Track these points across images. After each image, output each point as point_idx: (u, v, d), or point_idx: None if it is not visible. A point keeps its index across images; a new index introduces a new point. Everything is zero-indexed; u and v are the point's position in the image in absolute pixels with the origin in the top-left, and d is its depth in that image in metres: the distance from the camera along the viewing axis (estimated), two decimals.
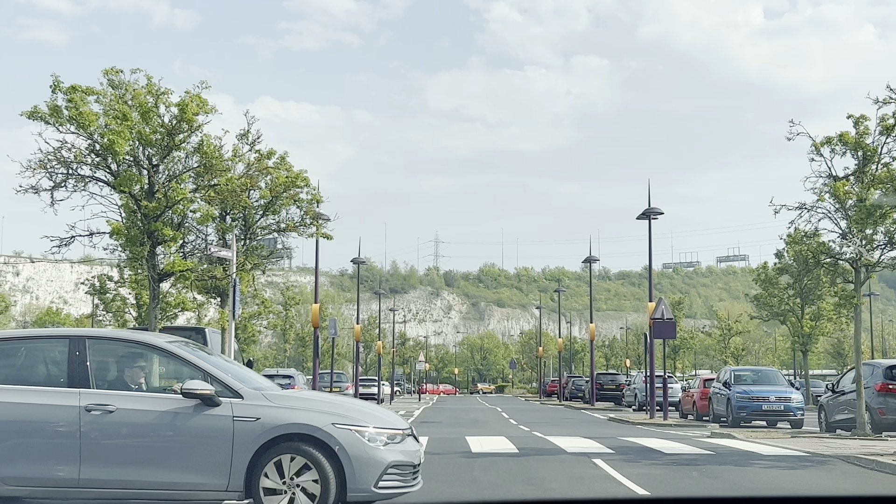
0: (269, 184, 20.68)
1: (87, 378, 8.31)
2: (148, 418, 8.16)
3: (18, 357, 8.82)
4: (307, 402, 8.63)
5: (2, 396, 8.23)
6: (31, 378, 8.60)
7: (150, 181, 16.42)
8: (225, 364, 9.13)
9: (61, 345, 8.61)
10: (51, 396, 8.24)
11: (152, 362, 8.82)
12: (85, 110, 15.59)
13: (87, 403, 8.15)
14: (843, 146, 21.21)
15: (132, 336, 9.04)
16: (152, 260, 16.54)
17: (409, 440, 8.67)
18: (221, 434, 8.07)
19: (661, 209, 33.37)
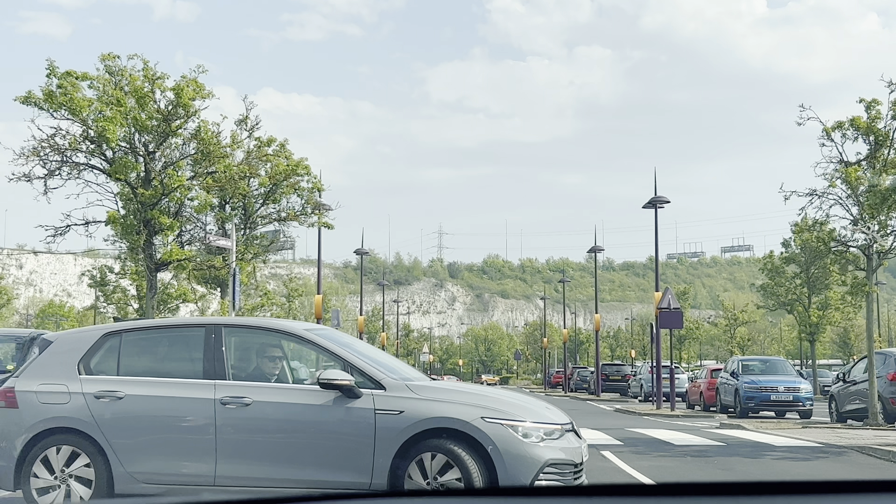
0: (268, 171, 20.30)
1: (222, 369, 7.91)
2: (284, 411, 7.67)
3: (153, 348, 8.55)
4: (455, 393, 7.89)
5: (136, 389, 7.92)
6: (166, 369, 8.28)
7: (147, 168, 16.03)
8: (368, 352, 8.59)
9: (196, 334, 8.21)
10: (185, 389, 7.86)
11: (289, 351, 8.37)
12: (76, 96, 15.18)
13: (223, 396, 7.73)
14: (854, 131, 20.80)
15: (269, 323, 8.58)
16: (149, 249, 16.16)
17: (570, 436, 7.88)
18: (362, 429, 7.51)
19: (667, 198, 33.00)
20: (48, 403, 7.98)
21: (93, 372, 8.13)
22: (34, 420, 7.95)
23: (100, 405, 7.87)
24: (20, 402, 8.06)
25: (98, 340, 8.27)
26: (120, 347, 8.27)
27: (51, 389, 8.03)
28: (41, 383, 8.09)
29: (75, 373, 8.10)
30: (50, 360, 8.28)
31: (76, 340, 8.40)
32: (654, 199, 32.72)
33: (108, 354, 8.29)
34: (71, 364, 8.15)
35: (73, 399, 7.95)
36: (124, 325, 8.78)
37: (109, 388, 7.94)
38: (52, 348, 8.39)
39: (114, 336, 8.33)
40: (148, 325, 8.76)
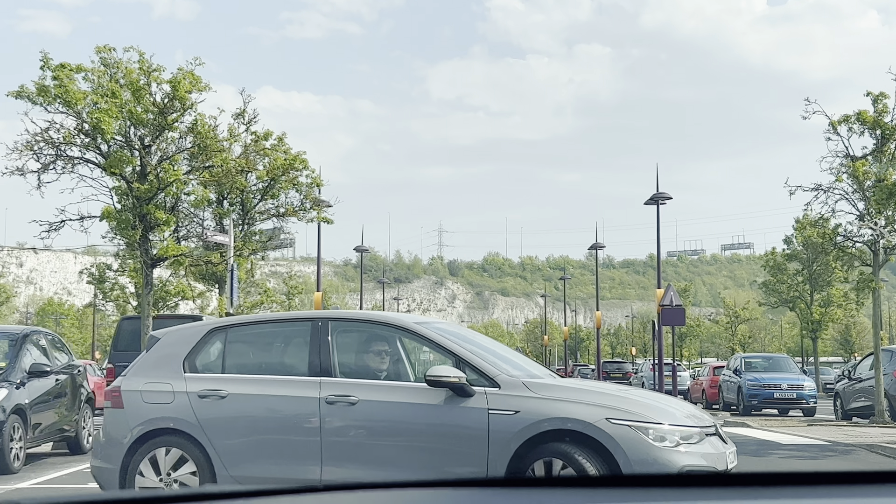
0: (266, 166, 20.02)
1: (329, 365, 7.47)
2: (391, 411, 7.18)
3: (259, 343, 8.21)
4: (577, 391, 7.25)
5: (239, 388, 7.56)
6: (271, 366, 7.94)
7: (142, 162, 15.75)
8: (488, 346, 8.07)
9: (303, 329, 7.81)
10: (290, 387, 7.45)
11: (398, 345, 7.81)
12: (71, 88, 14.90)
13: (328, 394, 7.29)
14: (861, 125, 20.52)
15: (378, 317, 8.10)
16: (145, 245, 15.87)
17: (712, 440, 7.08)
18: (474, 430, 6.93)
19: (668, 194, 32.75)
20: (152, 403, 7.69)
21: (198, 370, 7.81)
22: (138, 421, 7.65)
23: (203, 405, 7.55)
24: (125, 402, 7.79)
25: (204, 337, 7.94)
26: (225, 344, 7.94)
27: (155, 389, 7.73)
28: (146, 382, 7.80)
29: (180, 371, 7.77)
30: (156, 358, 7.99)
31: (182, 337, 8.08)
32: (655, 195, 32.45)
33: (213, 351, 7.97)
34: (176, 362, 7.84)
35: (177, 399, 7.63)
36: (231, 320, 8.43)
37: (213, 386, 7.60)
38: (159, 345, 8.09)
39: (220, 332, 7.98)
40: (254, 320, 8.46)
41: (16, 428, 12.16)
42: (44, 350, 14.01)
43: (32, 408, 12.78)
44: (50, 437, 13.92)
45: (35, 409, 12.88)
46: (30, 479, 11.57)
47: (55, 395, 13.77)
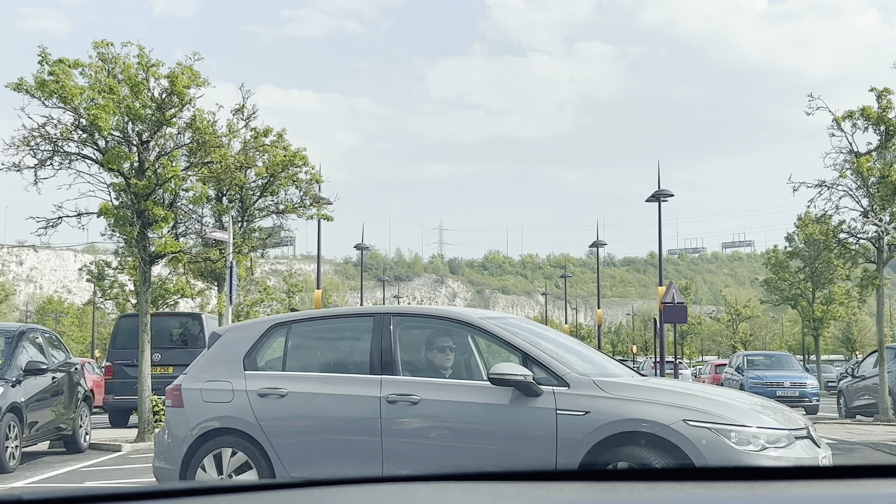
0: (266, 162, 19.84)
1: (391, 362, 7.12)
2: (453, 411, 6.84)
3: (320, 339, 7.92)
4: (652, 391, 6.76)
5: (299, 386, 7.26)
6: (331, 363, 7.68)
7: (140, 158, 15.57)
8: (556, 341, 7.66)
9: (364, 324, 7.47)
10: (350, 385, 7.14)
11: (463, 341, 7.45)
12: (67, 84, 14.72)
13: (389, 393, 6.94)
14: (865, 121, 20.36)
15: (443, 312, 7.69)
16: (143, 241, 15.70)
17: (803, 444, 6.49)
18: (541, 432, 6.55)
19: (670, 191, 32.61)
20: (212, 402, 7.44)
21: (258, 367, 7.54)
22: (198, 420, 7.41)
23: (262, 404, 7.27)
24: (186, 401, 7.57)
25: (264, 333, 7.67)
26: (286, 340, 7.66)
27: (215, 387, 7.48)
28: (207, 380, 7.57)
29: (240, 368, 7.50)
30: (216, 355, 7.76)
31: (242, 333, 7.83)
32: (657, 192, 32.34)
33: (273, 348, 7.71)
34: (236, 359, 7.58)
35: (237, 397, 7.36)
36: (292, 315, 8.20)
37: (272, 385, 7.32)
38: (220, 342, 7.86)
39: (280, 328, 7.71)
40: (316, 315, 8.14)
41: (11, 427, 12.02)
42: (40, 348, 13.87)
43: (28, 406, 12.64)
44: (47, 435, 13.79)
45: (31, 408, 12.75)
46: (25, 479, 11.44)
47: (52, 393, 13.64)
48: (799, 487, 1.68)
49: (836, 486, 1.71)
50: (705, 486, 1.70)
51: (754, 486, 1.67)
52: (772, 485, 1.69)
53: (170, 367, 20.24)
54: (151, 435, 15.83)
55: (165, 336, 20.43)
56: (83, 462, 13.41)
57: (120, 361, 20.17)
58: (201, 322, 20.89)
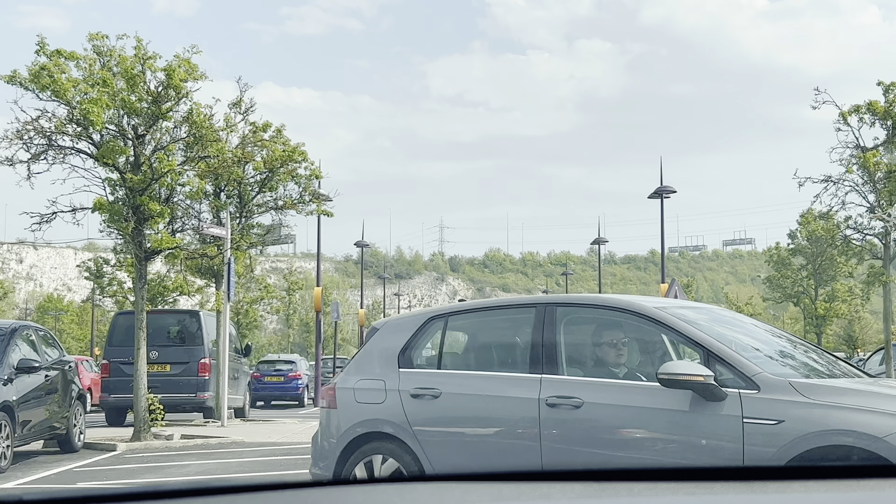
0: (264, 157, 19.56)
1: (553, 359, 6.29)
2: (621, 416, 5.98)
3: (478, 333, 7.21)
4: (865, 395, 5.52)
5: (453, 386, 6.57)
6: (489, 360, 6.99)
7: (136, 153, 15.29)
8: (752, 333, 6.63)
9: (525, 316, 6.70)
10: (507, 385, 6.37)
11: (636, 335, 6.52)
12: (59, 77, 14.43)
13: (549, 395, 6.12)
14: (871, 115, 20.08)
15: (613, 301, 6.72)
16: (138, 237, 15.41)
17: None
18: (724, 444, 5.59)
19: (673, 188, 32.33)
20: (364, 403, 6.84)
21: (413, 364, 6.89)
22: (349, 423, 6.83)
23: (415, 405, 6.61)
24: (339, 402, 6.99)
25: (421, 326, 6.97)
26: (443, 334, 6.94)
27: (368, 386, 6.88)
28: (360, 379, 6.97)
29: (395, 366, 6.86)
30: (372, 351, 7.14)
31: (399, 327, 7.17)
32: (660, 188, 32.06)
33: (430, 343, 7.04)
34: (391, 355, 6.93)
35: (389, 398, 6.73)
36: (450, 307, 7.41)
37: (426, 384, 6.65)
38: (376, 337, 7.20)
39: (438, 320, 6.99)
40: (474, 307, 7.39)
41: (3, 426, 11.76)
42: (33, 345, 13.61)
43: (21, 405, 12.37)
44: (40, 434, 13.52)
45: (23, 406, 12.48)
46: (16, 479, 11.16)
47: (45, 391, 13.37)
48: (798, 487, 1.69)
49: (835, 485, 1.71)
50: (705, 486, 1.70)
51: (754, 486, 1.67)
52: (771, 484, 1.69)
53: (167, 366, 19.99)
54: (147, 434, 15.58)
55: (163, 334, 20.17)
56: (77, 462, 13.14)
57: (116, 359, 19.91)
58: (199, 319, 20.63)
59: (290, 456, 13.49)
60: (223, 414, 19.11)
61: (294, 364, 32.13)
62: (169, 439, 15.71)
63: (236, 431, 17.69)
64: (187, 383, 19.94)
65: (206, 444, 15.55)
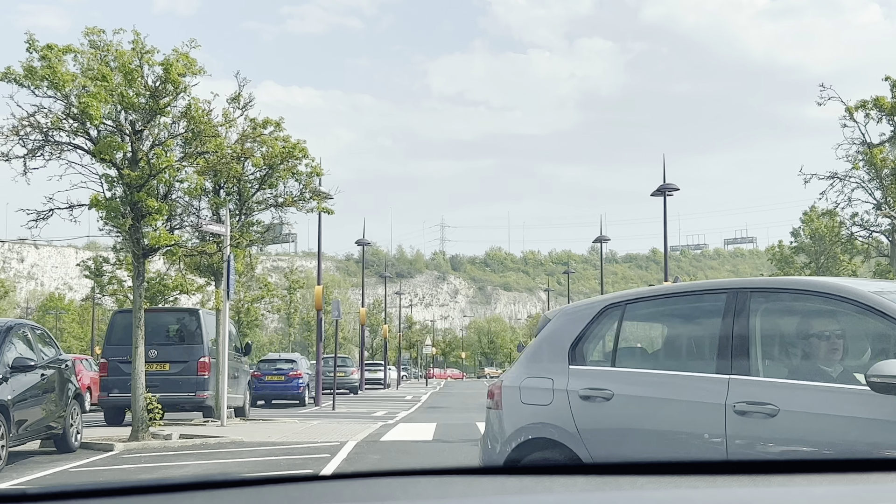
0: (264, 154, 19.34)
1: (745, 356, 5.19)
2: (824, 428, 4.85)
3: (658, 325, 6.37)
4: None
5: (627, 386, 5.61)
6: (667, 355, 6.06)
7: (133, 148, 15.08)
8: None
9: (714, 303, 5.62)
10: (689, 387, 5.34)
11: (851, 327, 5.34)
12: (59, 69, 14.22)
13: (738, 401, 5.06)
14: (878, 111, 19.84)
15: (822, 285, 5.38)
16: (135, 234, 15.20)
17: None
18: None
19: (676, 185, 32.10)
20: (530, 404, 6.03)
21: (585, 360, 5.99)
22: (513, 427, 6.08)
23: (585, 408, 5.72)
24: (504, 402, 6.24)
25: (596, 317, 6.04)
26: (619, 325, 5.99)
27: (534, 385, 6.05)
28: (527, 377, 6.16)
29: (565, 362, 5.98)
30: (542, 345, 6.32)
31: (571, 317, 6.24)
32: (663, 186, 31.82)
33: (604, 335, 6.09)
34: (561, 350, 6.06)
35: (556, 399, 5.86)
36: (629, 293, 6.32)
37: (597, 384, 5.73)
38: (548, 329, 6.33)
39: (614, 309, 6.02)
40: (655, 293, 6.23)
41: None
42: (29, 344, 13.40)
43: (16, 404, 12.16)
44: (36, 434, 13.31)
45: (19, 406, 12.27)
46: (11, 480, 10.95)
47: (41, 390, 13.17)
48: (801, 480, 1.68)
49: (838, 478, 1.70)
50: (708, 480, 1.69)
51: (756, 480, 1.66)
52: (774, 478, 1.67)
53: (166, 364, 19.78)
54: (145, 434, 15.37)
55: (162, 332, 19.96)
56: (73, 462, 12.94)
57: (115, 358, 19.70)
58: (198, 318, 20.41)
59: (291, 456, 13.29)
60: (223, 413, 18.90)
61: (295, 363, 31.91)
62: (167, 439, 15.50)
63: (236, 431, 17.49)
64: (187, 382, 19.73)
65: (205, 444, 15.35)
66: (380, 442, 15.53)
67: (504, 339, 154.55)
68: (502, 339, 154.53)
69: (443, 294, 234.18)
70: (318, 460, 12.77)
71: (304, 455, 13.43)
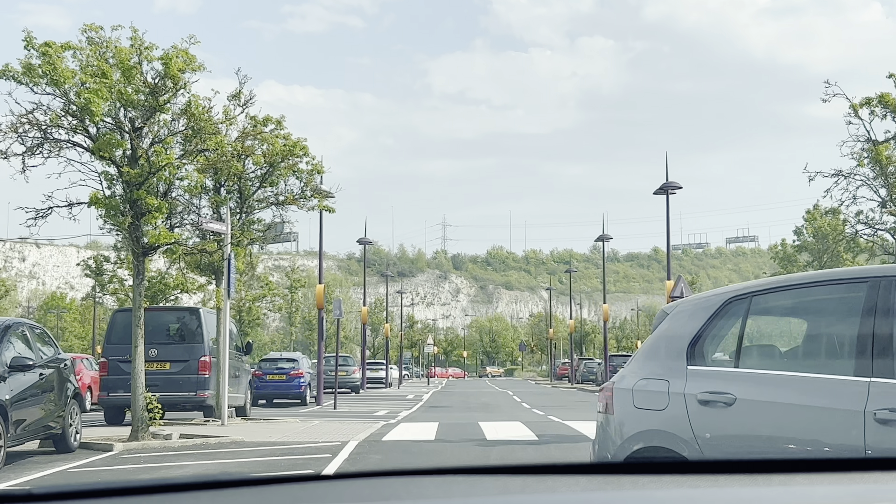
0: (265, 152, 19.21)
1: (890, 356, 4.52)
2: None
3: (784, 318, 5.76)
4: None
5: (752, 390, 4.92)
6: (798, 354, 5.44)
7: (133, 146, 14.95)
8: None
9: (853, 294, 4.92)
10: (821, 391, 4.69)
11: None
12: (59, 65, 14.09)
13: (879, 407, 4.39)
14: (883, 108, 19.72)
15: None
16: (135, 232, 15.07)
17: None
18: None
19: (679, 183, 31.96)
20: (643, 409, 5.44)
21: (705, 360, 5.32)
22: (625, 435, 5.49)
23: (704, 415, 5.06)
24: (616, 406, 5.65)
25: (718, 311, 5.35)
26: (744, 320, 5.27)
27: (649, 387, 5.44)
28: (642, 378, 5.55)
29: (682, 362, 5.33)
30: (657, 343, 5.69)
31: (691, 311, 5.58)
32: (665, 184, 31.70)
33: (727, 332, 5.41)
34: (679, 348, 5.41)
35: (673, 404, 5.22)
36: (755, 284, 5.53)
37: (718, 387, 5.04)
38: (664, 325, 5.70)
39: (739, 303, 5.31)
40: (785, 284, 5.47)
41: None
42: (28, 343, 13.27)
43: (14, 404, 12.04)
44: (34, 434, 13.19)
45: (17, 406, 12.14)
46: (9, 481, 10.82)
47: (40, 389, 13.04)
48: (802, 480, 1.68)
49: (839, 478, 1.71)
50: (709, 479, 1.70)
51: (757, 479, 1.66)
52: (775, 477, 1.68)
53: (166, 364, 19.66)
54: (145, 434, 15.24)
55: (162, 331, 19.84)
56: (72, 462, 12.81)
57: (115, 357, 19.58)
58: (199, 317, 20.28)
59: (292, 456, 13.16)
60: (223, 413, 18.78)
61: (296, 362, 31.78)
62: (167, 439, 15.38)
63: (237, 430, 17.36)
64: (187, 381, 19.61)
65: (205, 444, 15.22)
66: (381, 442, 15.41)
67: (506, 338, 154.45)
68: (504, 339, 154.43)
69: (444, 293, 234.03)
70: (319, 460, 12.65)
71: (305, 455, 13.31)
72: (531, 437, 16.20)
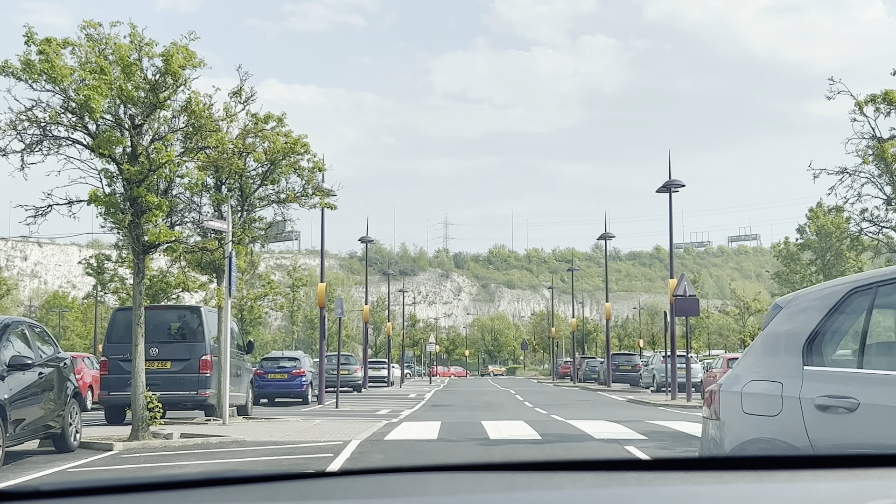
0: (266, 149, 19.09)
1: None
2: None
3: None
4: None
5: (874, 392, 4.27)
6: None
7: (133, 143, 14.84)
8: None
9: None
10: None
11: None
12: (58, 63, 13.99)
13: None
14: (888, 105, 19.59)
15: None
16: (135, 230, 14.96)
17: None
18: None
19: (682, 181, 31.84)
20: (753, 415, 4.88)
21: (824, 359, 4.70)
22: (733, 443, 4.95)
23: (822, 422, 4.45)
24: (722, 410, 5.13)
25: (838, 304, 4.72)
26: (868, 315, 4.58)
27: (759, 390, 4.89)
28: (752, 380, 5.00)
29: (798, 361, 4.73)
30: (770, 340, 5.12)
31: (808, 305, 4.95)
32: (668, 182, 31.59)
33: (849, 328, 4.78)
34: (794, 346, 4.81)
35: (787, 408, 4.65)
36: (881, 273, 4.68)
37: (839, 390, 4.42)
38: (777, 319, 5.12)
39: (862, 295, 4.63)
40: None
41: None
42: (27, 342, 13.17)
43: (13, 403, 11.93)
44: (34, 434, 13.08)
45: (16, 405, 12.04)
46: (8, 480, 10.73)
47: (39, 389, 12.93)
48: (806, 476, 1.69)
49: (843, 474, 1.71)
50: (715, 476, 1.71)
51: (762, 476, 1.68)
52: (779, 474, 1.68)
53: (167, 362, 19.56)
54: (146, 433, 15.14)
55: (163, 330, 19.74)
56: (72, 462, 12.71)
57: (116, 356, 19.47)
58: (200, 315, 20.17)
59: (294, 456, 13.05)
60: (225, 412, 18.68)
61: (298, 361, 31.67)
62: (168, 438, 15.27)
63: (238, 430, 17.26)
64: (188, 380, 19.51)
65: (205, 444, 15.12)
66: (384, 441, 15.30)
67: (507, 336, 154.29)
68: (506, 337, 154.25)
69: (446, 292, 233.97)
70: (321, 459, 12.54)
71: (307, 454, 13.20)
72: (535, 436, 16.09)
